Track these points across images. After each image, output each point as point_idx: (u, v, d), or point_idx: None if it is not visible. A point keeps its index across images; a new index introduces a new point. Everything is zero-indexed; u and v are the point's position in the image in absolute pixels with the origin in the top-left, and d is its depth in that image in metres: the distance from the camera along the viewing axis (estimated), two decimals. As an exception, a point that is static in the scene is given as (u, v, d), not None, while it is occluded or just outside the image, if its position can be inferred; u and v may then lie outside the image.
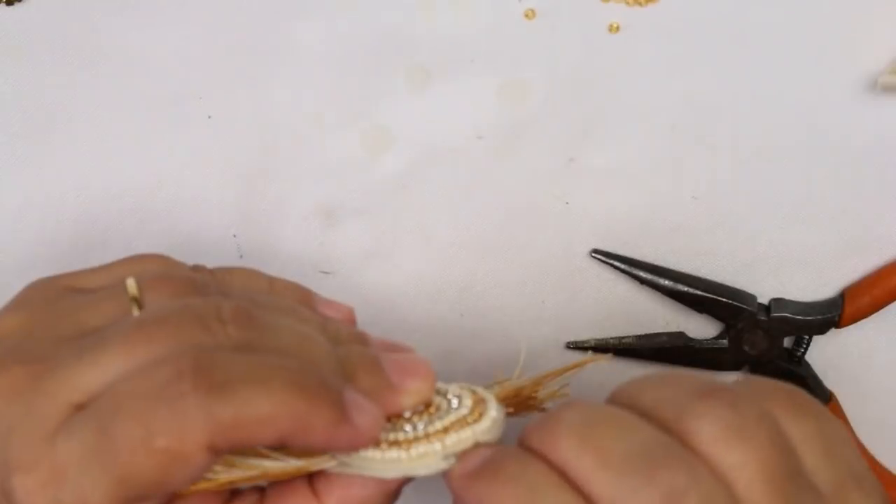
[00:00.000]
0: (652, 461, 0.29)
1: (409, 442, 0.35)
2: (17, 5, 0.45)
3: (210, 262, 0.38)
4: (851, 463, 0.32)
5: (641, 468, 0.29)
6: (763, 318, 0.47)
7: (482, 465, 0.33)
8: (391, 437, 0.35)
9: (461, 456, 0.34)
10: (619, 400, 0.33)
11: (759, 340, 0.48)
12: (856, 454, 0.32)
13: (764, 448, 0.30)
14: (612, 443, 0.30)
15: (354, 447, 0.33)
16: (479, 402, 0.36)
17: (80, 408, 0.31)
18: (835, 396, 0.49)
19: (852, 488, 0.31)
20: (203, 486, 0.33)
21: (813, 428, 0.31)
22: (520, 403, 0.37)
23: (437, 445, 0.34)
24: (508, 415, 0.36)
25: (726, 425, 0.30)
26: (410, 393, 0.35)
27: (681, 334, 0.48)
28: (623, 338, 0.48)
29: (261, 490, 0.35)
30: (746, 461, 0.30)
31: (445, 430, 0.35)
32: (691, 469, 0.29)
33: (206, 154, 0.47)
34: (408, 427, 0.35)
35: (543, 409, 0.38)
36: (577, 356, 0.49)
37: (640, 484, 0.29)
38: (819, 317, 0.47)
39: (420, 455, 0.34)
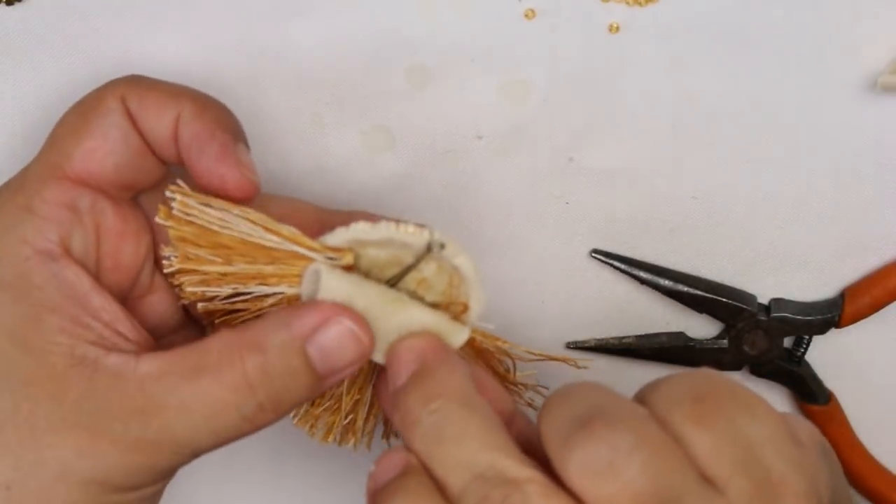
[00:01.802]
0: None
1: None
2: (17, 5, 0.45)
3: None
4: (771, 467, 0.30)
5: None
6: (763, 318, 0.47)
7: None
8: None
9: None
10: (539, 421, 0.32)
11: (759, 340, 0.48)
12: (782, 453, 0.30)
13: (635, 481, 0.29)
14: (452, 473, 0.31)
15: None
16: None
17: None
18: (835, 396, 0.49)
19: (770, 496, 0.29)
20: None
21: (718, 437, 0.30)
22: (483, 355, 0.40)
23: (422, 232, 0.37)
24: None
25: (594, 460, 0.29)
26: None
27: (681, 334, 0.48)
28: (623, 338, 0.48)
29: None
30: (614, 495, 0.29)
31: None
32: None
33: (206, 154, 0.47)
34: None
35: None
36: (578, 356, 0.49)
37: None
38: (819, 317, 0.47)
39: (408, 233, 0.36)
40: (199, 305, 0.39)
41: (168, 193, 0.38)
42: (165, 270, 0.38)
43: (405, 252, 0.37)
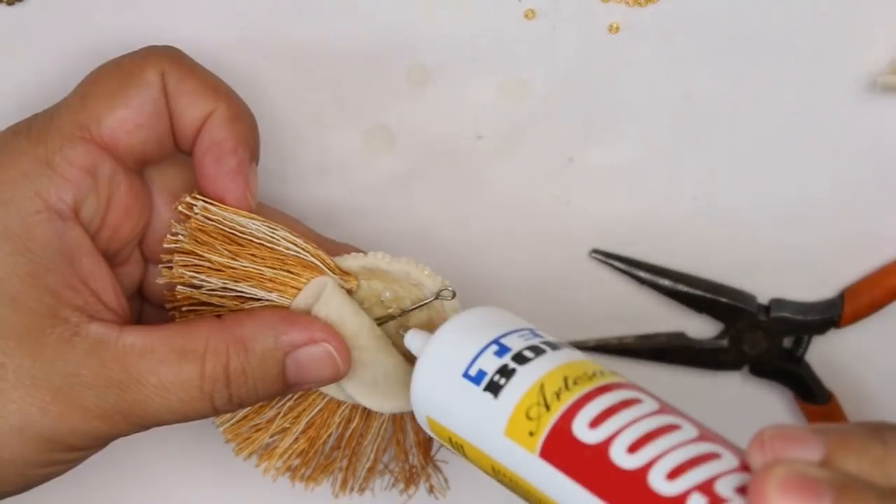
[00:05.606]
0: None
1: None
2: (17, 5, 0.45)
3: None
4: None
5: None
6: (763, 318, 0.47)
7: None
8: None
9: None
10: None
11: (759, 340, 0.48)
12: None
13: None
14: None
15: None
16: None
17: None
18: (834, 396, 0.49)
19: None
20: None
21: None
22: None
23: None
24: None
25: None
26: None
27: (681, 334, 0.48)
28: (623, 338, 0.48)
29: None
30: None
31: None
32: None
33: (206, 154, 0.47)
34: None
35: None
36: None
37: None
38: (819, 317, 0.47)
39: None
40: (178, 288, 0.39)
41: (191, 200, 0.38)
42: (166, 245, 0.39)
43: (408, 293, 0.37)
